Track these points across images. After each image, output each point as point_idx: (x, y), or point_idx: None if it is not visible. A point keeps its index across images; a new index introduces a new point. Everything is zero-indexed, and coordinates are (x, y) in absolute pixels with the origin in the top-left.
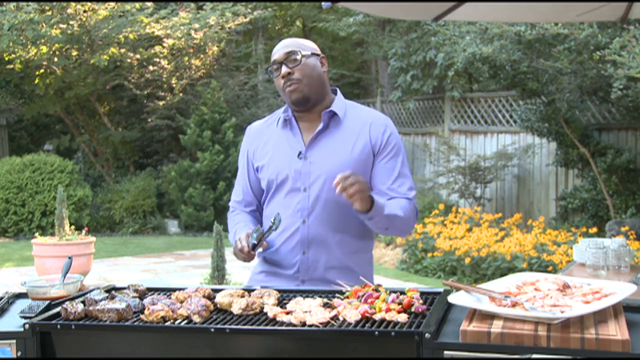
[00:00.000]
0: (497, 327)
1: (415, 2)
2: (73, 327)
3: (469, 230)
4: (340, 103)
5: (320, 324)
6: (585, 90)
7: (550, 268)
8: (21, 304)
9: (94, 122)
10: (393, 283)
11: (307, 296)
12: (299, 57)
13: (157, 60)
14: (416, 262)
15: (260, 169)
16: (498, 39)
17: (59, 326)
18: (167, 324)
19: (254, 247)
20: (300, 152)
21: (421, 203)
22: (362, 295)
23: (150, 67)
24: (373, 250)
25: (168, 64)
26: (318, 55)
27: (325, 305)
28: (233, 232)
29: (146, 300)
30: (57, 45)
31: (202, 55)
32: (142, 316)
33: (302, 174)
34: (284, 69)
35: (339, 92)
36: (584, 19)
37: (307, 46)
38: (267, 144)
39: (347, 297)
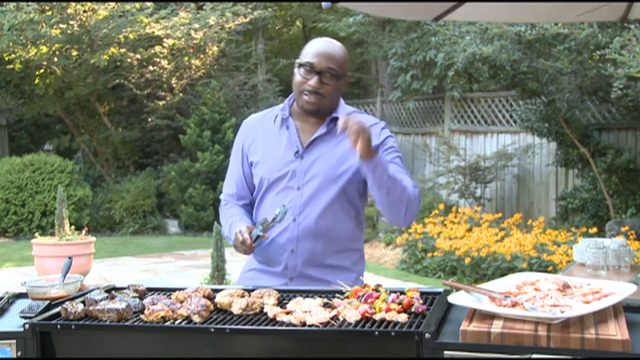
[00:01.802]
0: (497, 327)
1: (415, 2)
2: (73, 327)
3: (469, 230)
4: (343, 110)
5: (320, 324)
6: (585, 90)
7: (550, 268)
8: (21, 304)
9: (94, 122)
10: (393, 283)
11: (307, 296)
12: (336, 77)
13: (157, 60)
14: (416, 262)
15: (254, 165)
16: (498, 39)
17: (59, 326)
18: (167, 324)
19: (257, 239)
20: (297, 152)
21: (421, 203)
22: (362, 295)
23: (150, 67)
24: (367, 248)
25: (168, 64)
26: (346, 75)
27: (325, 305)
28: (228, 225)
29: (146, 300)
30: (57, 45)
31: (202, 55)
32: (142, 316)
33: (298, 173)
34: (316, 81)
35: (341, 100)
36: (584, 19)
37: (344, 66)
38: (263, 139)
39: (347, 297)
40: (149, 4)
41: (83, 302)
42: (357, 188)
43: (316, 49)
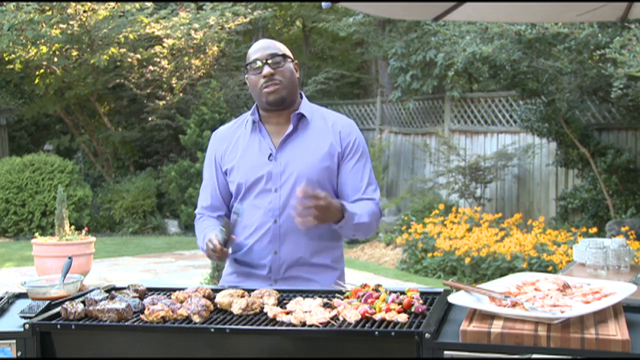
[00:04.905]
0: (497, 327)
1: (415, 2)
2: (73, 327)
3: (469, 230)
4: (307, 106)
5: (320, 324)
6: (585, 90)
7: (550, 268)
8: (21, 304)
9: (94, 122)
10: (393, 283)
11: (307, 296)
12: (281, 59)
13: (157, 60)
14: (416, 262)
15: (229, 172)
16: (498, 38)
17: (59, 326)
18: (167, 324)
19: (225, 243)
20: (270, 154)
21: (421, 203)
22: (362, 295)
23: (150, 67)
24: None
25: (168, 64)
26: (293, 60)
27: (325, 305)
28: (202, 237)
29: (146, 300)
30: (57, 45)
31: (202, 55)
32: (142, 316)
33: (274, 175)
34: (267, 69)
35: (304, 96)
36: (584, 19)
37: (286, 50)
38: (235, 147)
39: (347, 297)
40: (149, 4)
41: (83, 302)
42: (333, 183)
43: (253, 50)
